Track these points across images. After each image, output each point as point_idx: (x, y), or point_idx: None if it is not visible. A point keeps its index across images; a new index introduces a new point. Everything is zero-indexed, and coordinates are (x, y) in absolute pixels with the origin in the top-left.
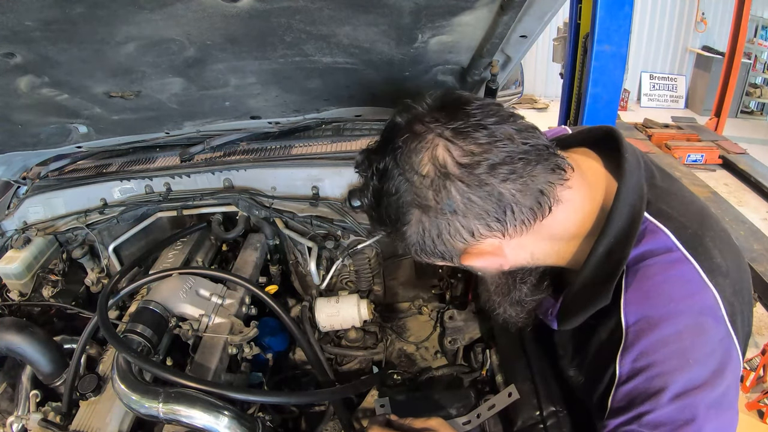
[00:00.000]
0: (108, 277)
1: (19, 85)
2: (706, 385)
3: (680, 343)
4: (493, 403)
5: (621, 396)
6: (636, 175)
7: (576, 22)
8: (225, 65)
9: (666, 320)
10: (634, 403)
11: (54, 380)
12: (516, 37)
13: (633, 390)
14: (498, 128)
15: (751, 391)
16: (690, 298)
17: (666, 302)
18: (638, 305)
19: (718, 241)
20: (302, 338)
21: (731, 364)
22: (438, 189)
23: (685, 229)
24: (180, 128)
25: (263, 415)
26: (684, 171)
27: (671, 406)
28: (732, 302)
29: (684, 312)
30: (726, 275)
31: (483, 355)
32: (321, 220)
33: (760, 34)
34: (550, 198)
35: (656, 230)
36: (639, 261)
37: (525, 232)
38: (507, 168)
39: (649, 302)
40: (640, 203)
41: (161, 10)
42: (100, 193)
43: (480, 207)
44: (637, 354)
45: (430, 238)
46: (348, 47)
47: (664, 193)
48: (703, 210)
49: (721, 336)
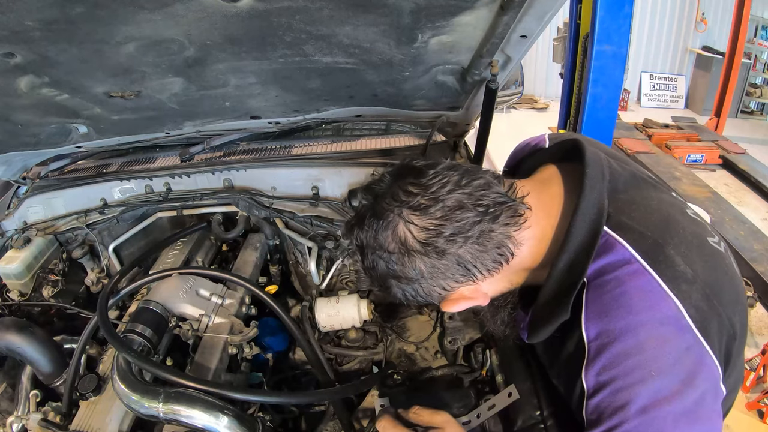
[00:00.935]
0: (108, 277)
1: (19, 85)
2: (673, 396)
3: (642, 355)
4: (493, 403)
5: (591, 409)
6: (597, 190)
7: (576, 22)
8: (225, 65)
9: (626, 333)
10: (603, 417)
11: (54, 380)
12: (516, 37)
13: (600, 403)
14: (451, 197)
15: (751, 391)
16: (649, 309)
17: (624, 315)
18: (597, 319)
19: (683, 247)
20: (302, 338)
21: (703, 372)
22: (404, 263)
23: (645, 240)
24: (180, 128)
25: (263, 415)
26: (684, 171)
27: (637, 419)
28: (700, 307)
29: (644, 323)
30: (692, 281)
31: (483, 355)
32: (321, 220)
33: (760, 34)
34: (510, 247)
35: (615, 243)
36: (598, 276)
37: (496, 274)
38: (462, 236)
39: (608, 316)
40: (599, 218)
41: (161, 10)
42: (100, 193)
43: (445, 269)
44: (599, 368)
45: (411, 296)
46: (348, 47)
47: (625, 204)
48: (668, 217)
49: (687, 344)
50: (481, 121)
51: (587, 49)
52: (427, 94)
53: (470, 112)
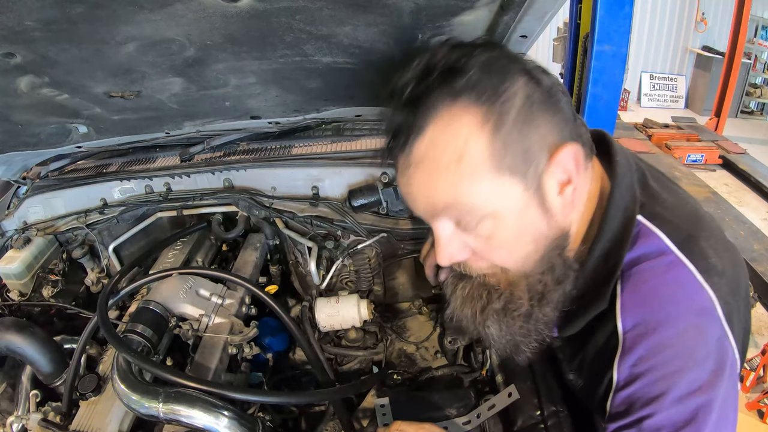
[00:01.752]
0: (108, 277)
1: (19, 85)
2: (706, 386)
3: (680, 346)
4: (493, 403)
5: (620, 401)
6: (628, 177)
7: (576, 22)
8: (225, 65)
9: (664, 324)
10: (633, 408)
11: (54, 380)
12: (516, 37)
13: (632, 395)
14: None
15: (751, 391)
16: (687, 300)
17: (662, 306)
18: (635, 310)
19: (713, 240)
20: (302, 338)
21: (728, 363)
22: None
23: (680, 231)
24: (180, 128)
25: (263, 415)
26: (684, 171)
27: (672, 409)
28: (728, 301)
29: (682, 314)
30: (722, 274)
31: (483, 355)
32: (321, 220)
33: (760, 34)
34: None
35: (650, 233)
36: (633, 265)
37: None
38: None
39: (645, 306)
40: (633, 205)
41: (161, 10)
42: (100, 193)
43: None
44: (636, 359)
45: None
46: (348, 47)
47: (657, 194)
48: (696, 210)
49: (718, 335)
50: None
51: (587, 49)
52: None
53: None
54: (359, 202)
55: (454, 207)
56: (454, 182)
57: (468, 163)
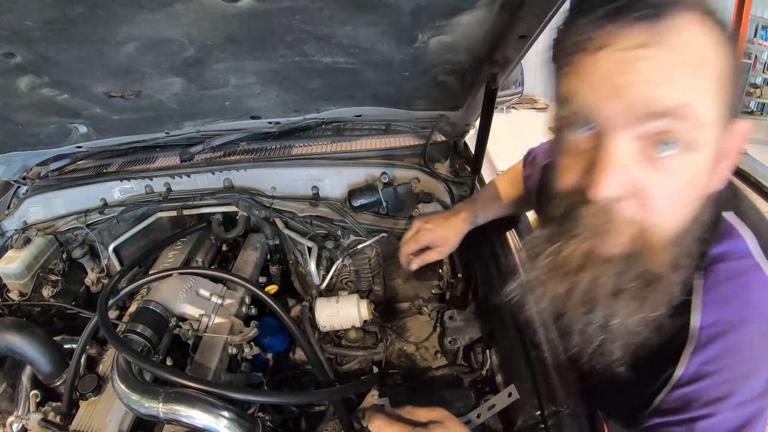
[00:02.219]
0: (108, 277)
1: (19, 85)
2: (763, 394)
3: (751, 351)
4: (493, 403)
5: (676, 397)
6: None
7: None
8: (225, 65)
9: (741, 325)
10: (690, 406)
11: (54, 380)
12: (516, 37)
13: (695, 392)
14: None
15: None
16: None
17: (744, 306)
18: (715, 306)
19: None
20: (302, 338)
21: None
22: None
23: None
24: (180, 128)
25: (263, 415)
26: None
27: (730, 413)
28: None
29: (757, 319)
30: None
31: (483, 355)
32: (321, 220)
33: (760, 34)
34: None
35: (734, 230)
36: (717, 261)
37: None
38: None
39: (727, 305)
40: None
41: (161, 10)
42: (100, 193)
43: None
44: (708, 357)
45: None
46: (348, 47)
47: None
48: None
49: None
50: (481, 121)
51: None
52: (427, 94)
53: (470, 112)
54: (359, 202)
55: (676, 113)
56: (692, 84)
57: (709, 70)
